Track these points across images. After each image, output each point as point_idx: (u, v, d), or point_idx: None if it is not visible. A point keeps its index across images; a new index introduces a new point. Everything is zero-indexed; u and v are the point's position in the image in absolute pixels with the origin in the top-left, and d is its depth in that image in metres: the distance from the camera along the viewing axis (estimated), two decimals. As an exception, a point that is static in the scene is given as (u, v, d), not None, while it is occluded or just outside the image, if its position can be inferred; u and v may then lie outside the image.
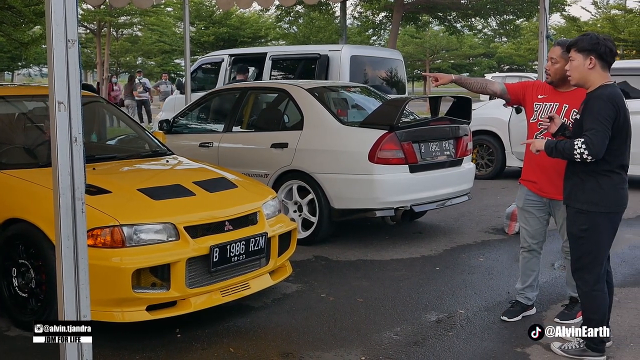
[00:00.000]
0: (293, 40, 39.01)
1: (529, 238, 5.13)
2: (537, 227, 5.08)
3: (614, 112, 4.07)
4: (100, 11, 33.64)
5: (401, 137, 6.94)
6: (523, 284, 5.22)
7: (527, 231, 5.13)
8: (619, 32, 30.10)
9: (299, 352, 4.50)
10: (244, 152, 7.78)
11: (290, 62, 13.69)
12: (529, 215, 5.08)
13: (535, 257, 5.17)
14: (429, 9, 26.64)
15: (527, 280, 5.20)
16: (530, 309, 5.25)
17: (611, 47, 4.22)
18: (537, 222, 5.06)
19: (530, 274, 5.19)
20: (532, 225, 5.08)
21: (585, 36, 4.26)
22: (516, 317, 5.15)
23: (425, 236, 7.85)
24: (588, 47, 4.18)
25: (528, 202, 5.05)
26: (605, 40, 4.21)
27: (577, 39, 4.28)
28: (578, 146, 4.08)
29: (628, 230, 7.96)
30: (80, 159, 3.31)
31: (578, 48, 4.22)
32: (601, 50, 4.17)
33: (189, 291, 4.60)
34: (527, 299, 5.23)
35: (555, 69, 4.78)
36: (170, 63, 47.00)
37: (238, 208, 5.13)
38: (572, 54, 4.26)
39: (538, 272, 5.24)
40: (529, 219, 5.09)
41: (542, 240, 5.15)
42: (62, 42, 3.22)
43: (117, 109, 7.41)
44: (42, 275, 4.58)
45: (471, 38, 50.79)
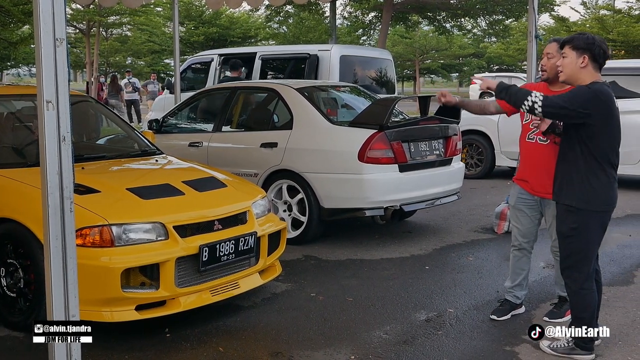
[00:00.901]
0: (283, 40, 39.01)
1: (520, 237, 5.15)
2: (529, 226, 5.10)
3: (592, 104, 4.07)
4: (89, 11, 33.49)
5: (391, 136, 6.94)
6: (512, 283, 5.24)
7: (518, 230, 5.15)
8: (607, 32, 30.29)
9: (289, 351, 4.50)
10: (234, 151, 7.77)
11: (280, 61, 13.69)
12: (520, 213, 5.10)
13: (525, 256, 5.19)
14: (418, 9, 26.72)
15: (517, 279, 5.22)
16: (519, 308, 5.27)
17: (605, 50, 4.25)
18: (529, 221, 5.08)
19: (520, 272, 5.21)
20: (524, 223, 5.10)
21: (582, 35, 4.29)
22: (505, 315, 5.16)
23: (414, 235, 7.86)
24: (583, 45, 4.20)
25: (520, 201, 5.08)
26: (600, 42, 4.23)
27: (573, 37, 4.29)
28: (535, 95, 4.14)
29: (617, 229, 8.00)
30: (69, 158, 3.30)
31: (573, 45, 4.24)
32: (595, 51, 4.19)
33: (178, 291, 4.59)
34: (516, 297, 5.24)
35: (551, 65, 4.80)
36: (160, 63, 46.89)
37: (227, 207, 5.12)
38: (565, 50, 4.27)
39: (528, 272, 5.25)
40: (520, 218, 5.11)
41: (533, 239, 5.17)
42: (50, 41, 3.20)
43: (107, 109, 7.40)
44: (30, 275, 4.56)
45: (461, 38, 50.92)
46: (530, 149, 4.97)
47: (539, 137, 4.85)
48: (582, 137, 4.16)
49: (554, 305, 5.26)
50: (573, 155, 4.23)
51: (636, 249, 7.26)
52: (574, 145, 4.22)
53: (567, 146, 4.29)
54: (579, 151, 4.20)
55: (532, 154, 4.96)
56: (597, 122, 4.10)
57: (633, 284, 6.06)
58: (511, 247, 5.25)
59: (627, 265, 6.63)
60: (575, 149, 4.22)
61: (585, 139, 4.16)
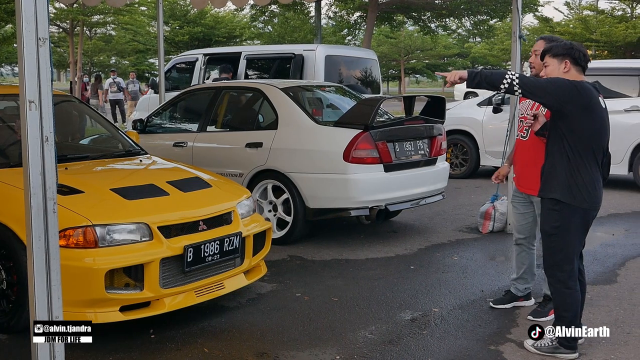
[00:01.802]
0: (268, 39, 38.97)
1: (515, 232, 5.31)
2: (522, 223, 5.22)
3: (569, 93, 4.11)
4: (73, 10, 33.30)
5: (376, 136, 6.95)
6: (516, 275, 5.39)
7: (514, 225, 5.34)
8: (590, 33, 30.47)
9: (274, 351, 4.50)
10: (219, 151, 7.75)
11: (265, 61, 13.68)
12: (514, 210, 5.27)
13: (524, 251, 5.30)
14: (403, 9, 26.77)
15: (519, 271, 5.36)
16: (522, 300, 5.39)
17: (584, 52, 4.34)
18: (522, 217, 5.20)
19: (521, 266, 5.34)
20: (518, 220, 5.26)
21: (559, 42, 4.39)
22: (504, 304, 5.33)
23: (399, 235, 7.87)
24: (562, 52, 4.28)
25: (514, 198, 5.26)
26: (578, 46, 4.33)
27: (552, 46, 4.39)
28: (512, 73, 4.17)
29: (600, 228, 8.05)
30: (52, 158, 3.28)
31: (552, 54, 4.31)
32: (576, 55, 4.26)
33: (163, 291, 4.57)
34: (517, 289, 5.37)
35: (539, 62, 4.87)
36: (145, 62, 46.67)
37: (212, 208, 5.11)
38: (547, 60, 4.37)
39: (530, 266, 5.34)
40: (514, 214, 5.28)
41: (530, 236, 5.26)
42: (33, 40, 3.18)
43: (90, 109, 7.35)
44: (13, 276, 4.52)
45: (445, 38, 51.04)
46: (516, 145, 5.15)
47: (520, 134, 5.01)
48: (563, 131, 4.21)
49: (539, 304, 5.30)
50: (558, 151, 4.26)
51: (619, 248, 7.31)
52: (558, 141, 4.25)
53: (552, 142, 4.32)
54: (563, 147, 4.23)
55: (517, 150, 5.14)
56: (574, 113, 4.13)
57: (616, 282, 6.09)
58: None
59: (611, 265, 6.67)
60: (559, 145, 4.25)
61: (565, 132, 4.19)
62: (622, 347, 4.59)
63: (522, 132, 4.99)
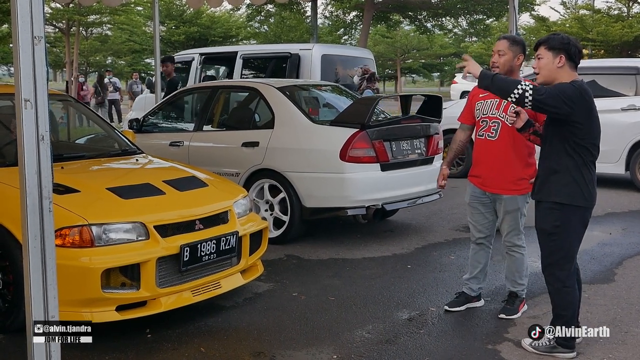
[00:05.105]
0: (264, 39, 38.91)
1: (475, 232, 5.29)
2: (483, 222, 5.23)
3: (577, 100, 4.07)
4: (69, 10, 33.18)
5: (372, 135, 6.94)
6: (470, 275, 5.36)
7: (473, 226, 5.30)
8: (587, 32, 30.49)
9: (271, 351, 4.49)
10: (215, 151, 7.74)
11: (261, 61, 13.66)
12: (474, 210, 5.24)
13: (483, 250, 5.31)
14: (399, 9, 26.77)
15: (474, 271, 5.33)
16: (475, 301, 5.36)
17: (580, 49, 4.31)
18: (482, 217, 5.21)
19: (477, 265, 5.33)
20: (478, 220, 5.24)
21: (556, 35, 4.31)
22: (459, 307, 5.28)
23: (396, 234, 7.86)
24: (559, 45, 4.22)
25: (473, 198, 5.21)
26: (575, 41, 4.28)
27: (548, 37, 4.31)
28: (526, 84, 4.12)
29: (597, 227, 8.05)
30: (48, 157, 3.27)
31: (548, 46, 4.25)
32: (571, 51, 4.22)
33: (159, 291, 4.56)
34: (471, 289, 5.35)
35: (503, 61, 4.91)
36: (141, 62, 46.59)
37: (209, 207, 5.10)
38: (541, 52, 4.27)
39: (485, 265, 5.35)
40: (474, 214, 5.26)
41: (490, 234, 5.28)
42: (29, 39, 3.18)
43: (87, 108, 7.34)
44: (9, 276, 4.51)
45: (442, 38, 50.99)
46: (480, 145, 5.11)
47: (487, 134, 5.01)
48: (566, 134, 4.17)
49: (506, 301, 5.29)
50: (557, 152, 4.24)
51: (616, 247, 7.31)
52: (558, 143, 4.23)
53: (550, 143, 4.30)
54: (562, 148, 4.21)
55: (481, 151, 5.11)
56: (580, 118, 4.11)
57: (613, 281, 6.09)
58: (470, 241, 5.39)
59: (608, 263, 6.66)
60: (558, 146, 4.22)
61: (569, 135, 4.17)
62: (620, 347, 4.59)
63: (489, 132, 4.97)
